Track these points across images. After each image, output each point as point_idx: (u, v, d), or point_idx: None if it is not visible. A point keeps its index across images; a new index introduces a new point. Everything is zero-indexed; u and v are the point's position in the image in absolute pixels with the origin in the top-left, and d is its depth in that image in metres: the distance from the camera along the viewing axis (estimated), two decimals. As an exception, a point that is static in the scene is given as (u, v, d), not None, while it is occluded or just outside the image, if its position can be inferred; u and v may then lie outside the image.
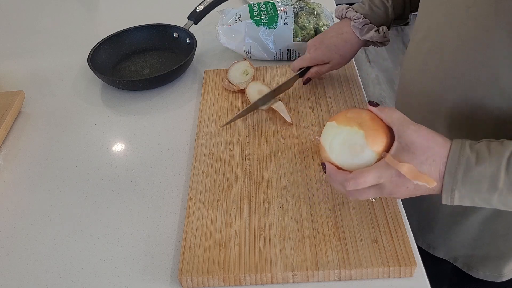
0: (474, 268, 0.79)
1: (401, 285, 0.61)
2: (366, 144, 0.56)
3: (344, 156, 0.58)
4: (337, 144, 0.58)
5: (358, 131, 0.57)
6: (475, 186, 0.53)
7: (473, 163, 0.53)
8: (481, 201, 0.54)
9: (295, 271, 0.61)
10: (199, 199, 0.71)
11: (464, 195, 0.54)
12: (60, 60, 1.12)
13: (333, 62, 0.86)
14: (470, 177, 0.53)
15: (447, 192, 0.54)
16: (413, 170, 0.53)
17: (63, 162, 0.84)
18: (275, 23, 1.00)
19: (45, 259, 0.68)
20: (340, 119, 0.59)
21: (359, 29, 0.82)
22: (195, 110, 0.92)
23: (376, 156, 0.56)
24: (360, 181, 0.55)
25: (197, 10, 1.08)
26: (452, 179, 0.53)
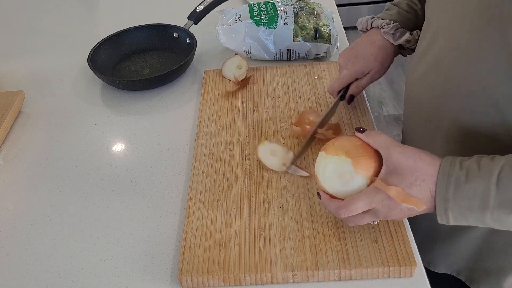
0: (475, 282, 0.78)
1: (401, 285, 0.61)
2: (354, 171, 0.57)
3: (335, 185, 0.60)
4: (328, 173, 0.60)
5: (345, 160, 0.58)
6: (467, 205, 0.52)
7: (463, 181, 0.52)
8: (474, 220, 0.54)
9: (295, 271, 0.61)
10: (199, 199, 0.71)
11: (458, 215, 0.54)
12: (60, 60, 1.12)
13: (374, 70, 0.80)
14: (461, 195, 0.52)
15: (441, 212, 0.54)
16: (401, 193, 0.54)
17: (63, 162, 0.84)
18: (275, 23, 1.00)
19: (45, 259, 0.68)
20: (329, 149, 0.61)
21: (391, 34, 0.78)
22: (195, 110, 0.92)
23: (366, 182, 0.58)
24: (351, 208, 0.56)
25: (197, 10, 1.08)
26: (443, 199, 0.53)
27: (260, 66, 1.00)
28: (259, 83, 0.94)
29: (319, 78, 0.94)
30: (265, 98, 0.90)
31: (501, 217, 0.52)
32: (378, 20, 0.80)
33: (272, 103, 0.89)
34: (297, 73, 0.96)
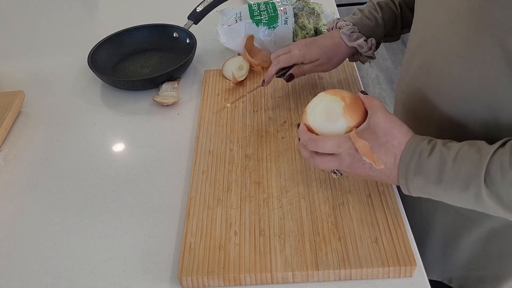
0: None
1: (401, 285, 0.61)
2: (342, 114, 0.61)
3: (318, 119, 0.63)
4: (318, 108, 0.63)
5: (339, 101, 0.62)
6: (424, 177, 0.55)
7: (426, 155, 0.55)
8: (431, 192, 0.57)
9: (295, 271, 0.61)
10: (199, 199, 0.71)
11: (417, 186, 0.57)
12: (60, 60, 1.12)
13: (319, 61, 0.83)
14: (421, 167, 0.55)
15: (402, 181, 0.58)
16: (366, 147, 0.57)
17: (63, 162, 0.84)
18: (275, 23, 1.00)
19: (45, 259, 0.68)
20: (330, 91, 0.65)
21: (347, 35, 0.82)
22: (195, 110, 0.92)
23: (346, 129, 0.61)
24: (320, 144, 0.60)
25: (197, 10, 1.08)
26: (405, 167, 0.57)
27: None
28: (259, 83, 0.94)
29: (319, 78, 0.94)
30: (265, 98, 0.90)
31: (454, 192, 0.54)
32: (341, 22, 0.84)
33: (272, 103, 0.89)
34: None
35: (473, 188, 0.52)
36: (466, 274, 0.78)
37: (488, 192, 0.52)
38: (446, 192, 0.55)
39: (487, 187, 0.52)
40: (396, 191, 0.70)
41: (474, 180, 0.52)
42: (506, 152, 0.51)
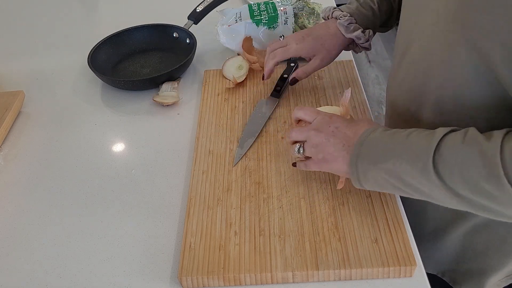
0: (458, 283, 0.80)
1: (401, 285, 0.61)
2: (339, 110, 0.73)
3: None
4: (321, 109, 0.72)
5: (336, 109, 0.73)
6: (376, 150, 0.58)
7: (381, 130, 0.59)
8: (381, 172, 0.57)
9: (295, 271, 0.61)
10: (199, 199, 0.71)
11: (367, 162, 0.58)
12: (60, 60, 1.12)
13: (319, 56, 0.82)
14: (374, 140, 0.58)
15: (353, 160, 0.60)
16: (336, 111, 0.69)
17: (63, 162, 0.84)
18: (275, 23, 1.00)
19: (45, 259, 0.68)
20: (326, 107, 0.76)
21: (344, 26, 0.81)
22: (195, 110, 0.92)
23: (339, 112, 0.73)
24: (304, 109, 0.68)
25: (197, 10, 1.08)
26: (357, 149, 0.59)
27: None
28: (259, 83, 0.94)
29: (319, 78, 0.94)
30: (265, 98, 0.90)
31: (402, 167, 0.55)
32: (338, 11, 0.83)
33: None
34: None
35: (422, 158, 0.53)
36: (455, 268, 0.79)
37: (435, 168, 0.52)
38: (395, 166, 0.55)
39: (435, 163, 0.52)
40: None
41: (425, 150, 0.53)
42: (460, 133, 0.52)
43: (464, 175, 0.50)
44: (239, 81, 0.93)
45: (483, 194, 0.50)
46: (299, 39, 0.83)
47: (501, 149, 0.48)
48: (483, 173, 0.49)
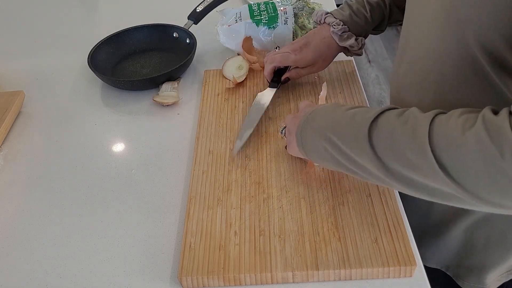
0: (460, 278, 0.80)
1: (401, 285, 0.61)
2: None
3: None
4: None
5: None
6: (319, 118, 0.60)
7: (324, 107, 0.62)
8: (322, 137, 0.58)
9: (295, 271, 0.61)
10: (199, 199, 0.71)
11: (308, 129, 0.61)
12: (60, 60, 1.12)
13: (316, 67, 0.87)
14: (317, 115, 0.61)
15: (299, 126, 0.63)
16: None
17: (63, 162, 0.84)
18: (275, 23, 1.00)
19: (45, 259, 0.68)
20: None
21: (338, 35, 0.82)
22: (195, 110, 0.92)
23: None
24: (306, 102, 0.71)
25: (197, 10, 1.08)
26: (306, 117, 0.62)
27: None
28: (259, 83, 0.94)
29: (318, 77, 0.94)
30: (265, 98, 0.90)
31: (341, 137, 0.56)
32: (331, 18, 0.84)
33: (272, 103, 0.89)
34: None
35: (360, 129, 0.53)
36: (457, 263, 0.79)
37: (369, 134, 0.52)
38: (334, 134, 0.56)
39: (370, 130, 0.52)
40: (396, 192, 0.70)
41: (363, 123, 0.53)
42: (402, 109, 0.53)
43: (393, 145, 0.50)
44: (239, 81, 0.93)
45: (408, 165, 0.49)
46: (297, 50, 0.85)
47: (431, 120, 0.48)
48: (409, 142, 0.49)
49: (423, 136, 0.47)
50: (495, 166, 0.42)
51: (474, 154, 0.43)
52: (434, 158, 0.46)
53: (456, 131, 0.45)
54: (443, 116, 0.48)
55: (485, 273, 0.76)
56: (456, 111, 0.48)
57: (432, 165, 0.46)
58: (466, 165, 0.44)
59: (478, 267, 0.76)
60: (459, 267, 0.80)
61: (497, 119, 0.43)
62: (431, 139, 0.47)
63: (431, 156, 0.46)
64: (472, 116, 0.46)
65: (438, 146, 0.46)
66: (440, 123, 0.47)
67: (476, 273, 0.77)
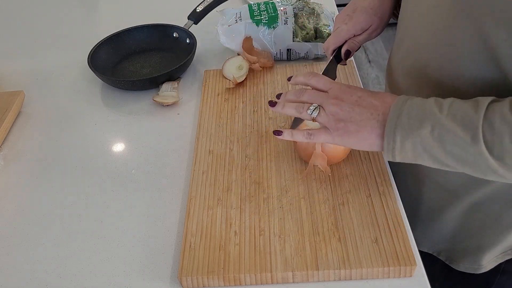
0: (455, 261, 0.80)
1: (401, 285, 0.61)
2: None
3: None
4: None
5: None
6: (417, 120, 0.54)
7: (418, 101, 0.56)
8: (421, 146, 0.55)
9: (295, 271, 0.61)
10: (199, 199, 0.71)
11: (405, 131, 0.55)
12: (60, 60, 1.12)
13: (373, 26, 0.76)
14: (414, 109, 0.55)
15: (390, 129, 0.56)
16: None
17: (63, 162, 0.84)
18: (275, 23, 1.00)
19: (45, 259, 0.68)
20: None
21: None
22: (195, 110, 0.92)
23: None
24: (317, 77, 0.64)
25: (197, 10, 1.08)
26: (398, 108, 0.56)
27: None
28: (259, 83, 0.94)
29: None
30: (265, 98, 0.90)
31: (447, 139, 0.53)
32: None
33: (272, 103, 0.89)
34: (297, 73, 0.96)
35: (471, 127, 0.51)
36: (451, 247, 0.79)
37: (484, 138, 0.51)
38: (440, 133, 0.53)
39: (484, 132, 0.51)
40: (396, 191, 0.70)
41: (473, 120, 0.51)
42: (506, 102, 0.52)
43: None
44: (239, 81, 0.93)
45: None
46: (346, 19, 0.76)
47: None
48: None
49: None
50: None
51: None
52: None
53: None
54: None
55: (481, 254, 0.76)
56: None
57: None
58: None
59: (473, 249, 0.76)
60: (453, 251, 0.80)
61: None
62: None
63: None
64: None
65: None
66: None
67: (472, 255, 0.77)
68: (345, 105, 0.59)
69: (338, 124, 0.59)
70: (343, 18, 0.77)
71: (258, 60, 0.96)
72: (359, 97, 0.59)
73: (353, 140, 0.60)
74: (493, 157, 0.51)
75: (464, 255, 0.78)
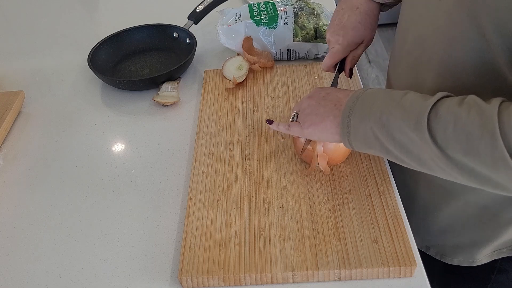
0: (447, 256, 0.80)
1: (401, 285, 0.61)
2: None
3: None
4: None
5: None
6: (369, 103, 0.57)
7: (372, 90, 0.59)
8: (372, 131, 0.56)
9: (295, 271, 0.61)
10: (199, 199, 0.71)
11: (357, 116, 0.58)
12: (60, 60, 1.12)
13: (366, 39, 0.79)
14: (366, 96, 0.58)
15: (345, 114, 0.59)
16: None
17: (63, 162, 0.84)
18: (275, 23, 1.00)
19: (45, 259, 0.68)
20: None
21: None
22: (195, 110, 0.92)
23: None
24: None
25: (197, 10, 1.09)
26: (352, 103, 0.59)
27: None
28: (259, 83, 0.95)
29: (319, 78, 0.94)
30: (265, 98, 0.90)
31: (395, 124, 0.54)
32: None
33: (272, 103, 0.89)
34: (297, 73, 0.96)
35: (416, 114, 0.52)
36: (443, 242, 0.79)
37: (428, 124, 0.51)
38: (388, 120, 0.54)
39: (429, 119, 0.51)
40: (396, 191, 0.70)
41: (421, 107, 0.52)
42: (459, 97, 0.52)
43: (457, 134, 0.49)
44: (239, 81, 0.93)
45: (474, 155, 0.49)
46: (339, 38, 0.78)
47: (499, 109, 0.47)
48: (477, 131, 0.48)
49: (493, 126, 0.46)
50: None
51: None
52: (506, 150, 0.46)
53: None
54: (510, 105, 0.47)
55: (476, 249, 0.76)
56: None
57: (503, 156, 0.46)
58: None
59: (469, 244, 0.76)
60: (445, 247, 0.80)
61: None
62: (501, 129, 0.46)
63: (502, 147, 0.46)
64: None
65: (509, 136, 0.46)
66: (510, 113, 0.47)
67: (467, 250, 0.77)
68: (313, 101, 0.65)
69: (306, 117, 0.65)
70: (336, 38, 0.79)
71: (258, 60, 0.96)
72: (326, 93, 0.65)
73: (319, 132, 0.64)
74: (436, 145, 0.51)
75: (459, 250, 0.78)
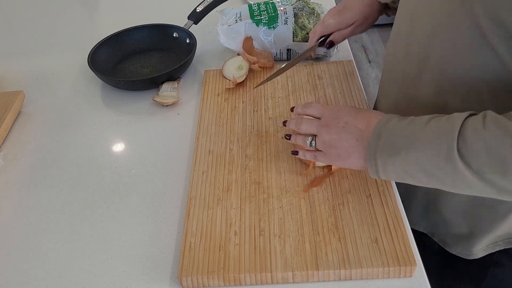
0: (448, 245, 0.81)
1: (401, 285, 0.61)
2: None
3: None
4: None
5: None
6: (395, 141, 0.57)
7: (396, 121, 0.58)
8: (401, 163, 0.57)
9: (295, 271, 0.61)
10: (199, 199, 0.71)
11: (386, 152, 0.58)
12: (60, 60, 1.12)
13: (357, 23, 0.86)
14: (391, 131, 0.58)
15: (371, 154, 0.59)
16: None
17: (63, 162, 0.84)
18: (275, 23, 1.00)
19: (45, 259, 0.68)
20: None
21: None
22: (195, 110, 0.92)
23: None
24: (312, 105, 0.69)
25: (197, 10, 1.09)
26: (377, 132, 0.59)
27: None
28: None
29: (319, 78, 0.94)
30: (265, 98, 0.90)
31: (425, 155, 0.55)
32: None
33: (272, 103, 0.89)
34: (297, 73, 0.96)
35: (445, 146, 0.52)
36: (445, 231, 0.80)
37: (460, 153, 0.52)
38: (417, 157, 0.55)
39: (459, 148, 0.52)
40: (396, 191, 0.70)
41: (447, 138, 0.52)
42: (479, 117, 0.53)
43: (492, 157, 0.50)
44: (239, 81, 0.93)
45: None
46: (335, 15, 0.87)
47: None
48: (510, 153, 0.49)
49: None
50: None
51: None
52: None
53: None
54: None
55: (473, 242, 0.76)
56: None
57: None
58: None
59: (466, 236, 0.77)
60: (446, 236, 0.80)
61: None
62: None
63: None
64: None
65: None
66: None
67: (465, 241, 0.77)
68: (333, 132, 0.64)
69: (330, 150, 0.65)
70: (332, 13, 0.88)
71: (258, 60, 0.96)
72: (345, 123, 0.63)
73: (348, 165, 0.65)
74: (472, 171, 0.52)
75: (457, 240, 0.79)
